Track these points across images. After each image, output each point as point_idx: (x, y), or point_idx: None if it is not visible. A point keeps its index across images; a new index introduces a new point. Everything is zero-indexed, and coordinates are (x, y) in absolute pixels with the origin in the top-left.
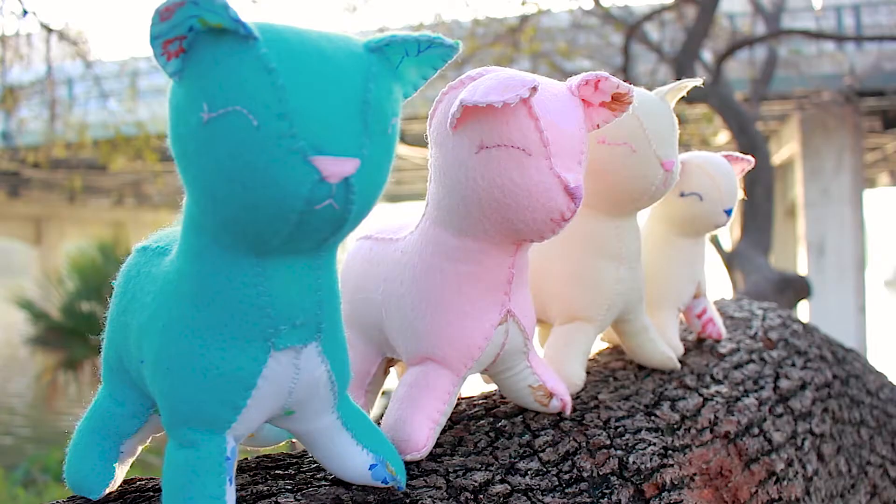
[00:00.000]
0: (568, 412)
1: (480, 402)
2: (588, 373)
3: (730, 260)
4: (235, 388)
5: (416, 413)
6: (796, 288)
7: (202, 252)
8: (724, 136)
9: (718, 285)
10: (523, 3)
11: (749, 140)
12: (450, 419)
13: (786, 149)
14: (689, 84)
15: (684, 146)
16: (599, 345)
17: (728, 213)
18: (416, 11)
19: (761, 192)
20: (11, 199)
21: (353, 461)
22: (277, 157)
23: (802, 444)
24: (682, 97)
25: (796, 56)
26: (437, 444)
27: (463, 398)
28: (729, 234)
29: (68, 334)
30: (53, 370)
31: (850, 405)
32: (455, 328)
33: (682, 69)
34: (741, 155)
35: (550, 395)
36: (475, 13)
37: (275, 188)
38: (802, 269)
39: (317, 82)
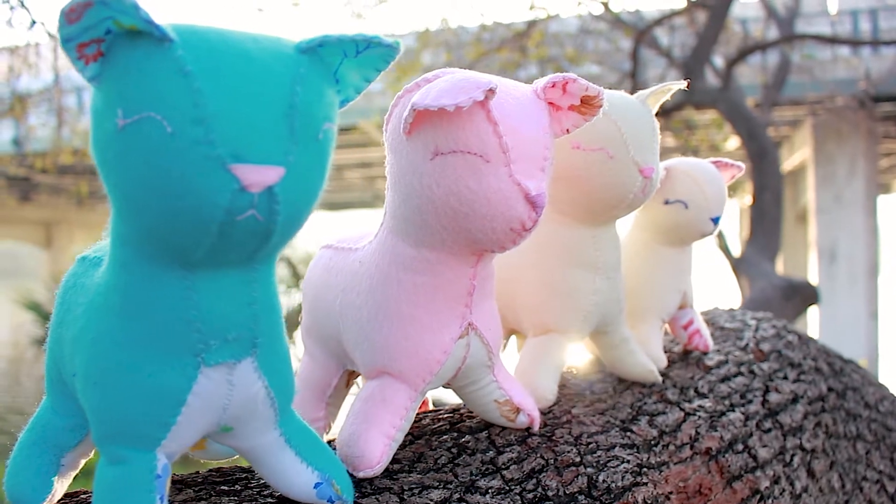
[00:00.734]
0: (536, 428)
1: (446, 416)
2: (564, 386)
3: (736, 266)
4: (164, 404)
5: (371, 429)
6: (804, 295)
7: (128, 263)
8: (734, 142)
9: (727, 292)
10: (532, 8)
11: (758, 145)
12: (411, 434)
13: (798, 154)
14: (672, 87)
15: (693, 152)
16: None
17: (715, 221)
18: (423, 17)
19: (769, 198)
20: (22, 204)
21: (298, 479)
22: (194, 165)
23: (791, 460)
24: (692, 103)
25: (809, 61)
26: (395, 461)
27: (429, 412)
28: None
29: None
30: None
31: (845, 419)
32: (412, 341)
33: (691, 74)
34: (731, 161)
35: (517, 410)
36: (483, 18)
37: (192, 198)
38: (813, 275)
39: (238, 85)
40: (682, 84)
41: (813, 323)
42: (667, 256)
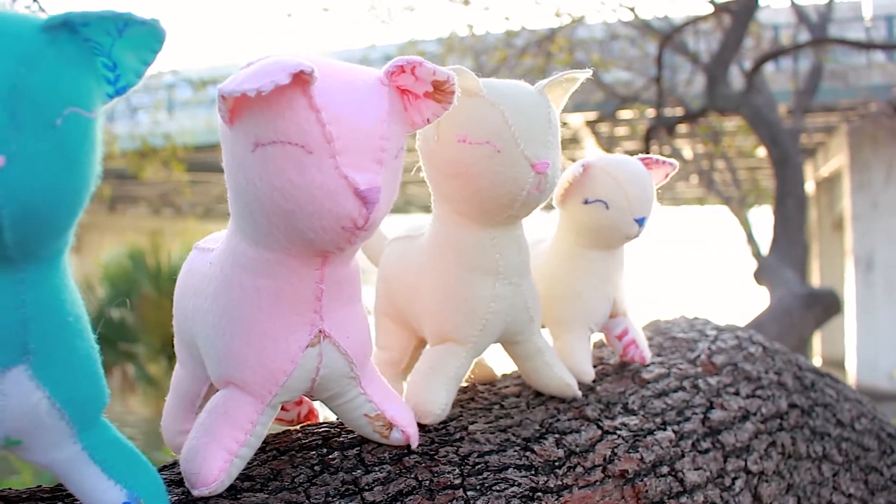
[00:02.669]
0: (414, 445)
1: (322, 430)
2: (472, 399)
3: (757, 274)
4: None
5: (211, 444)
6: (825, 303)
7: None
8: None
9: (753, 300)
10: (558, 15)
11: (781, 151)
12: (276, 448)
13: (834, 161)
14: (575, 75)
15: (721, 157)
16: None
17: (640, 222)
18: (449, 23)
19: (793, 205)
20: None
21: (104, 497)
22: None
23: (733, 483)
24: (715, 108)
25: (843, 67)
26: (248, 478)
27: (310, 425)
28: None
29: (98, 341)
30: None
31: (809, 438)
32: (255, 350)
33: (714, 79)
34: (662, 158)
35: (391, 426)
36: (509, 23)
37: None
38: (850, 283)
39: None
40: (587, 73)
41: (849, 332)
42: (593, 260)
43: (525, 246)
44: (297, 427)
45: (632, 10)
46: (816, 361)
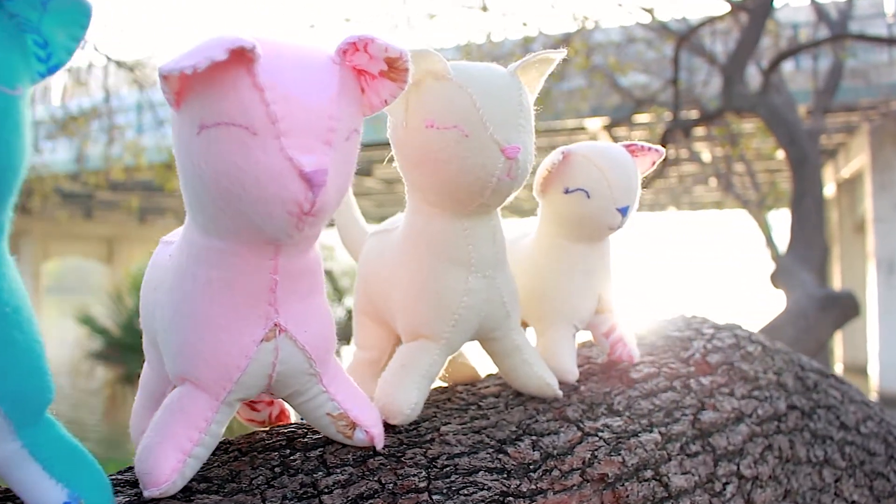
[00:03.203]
0: (379, 446)
1: (289, 430)
2: (448, 399)
3: (773, 276)
4: None
5: (164, 442)
6: (844, 306)
7: None
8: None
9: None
10: (575, 19)
11: (798, 151)
12: (238, 449)
13: (855, 161)
14: (549, 55)
15: (740, 160)
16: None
17: (623, 212)
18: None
19: (810, 205)
20: (86, 221)
21: (44, 496)
22: None
23: (724, 489)
24: (731, 108)
25: (864, 65)
26: (205, 479)
27: (279, 425)
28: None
29: (127, 350)
30: (112, 384)
31: (809, 441)
32: (208, 344)
33: (730, 79)
34: (647, 144)
35: (354, 426)
36: (526, 29)
37: None
38: (872, 286)
39: None
40: (562, 53)
41: (871, 337)
42: (576, 254)
43: (500, 237)
44: (267, 428)
45: (649, 11)
46: (838, 367)
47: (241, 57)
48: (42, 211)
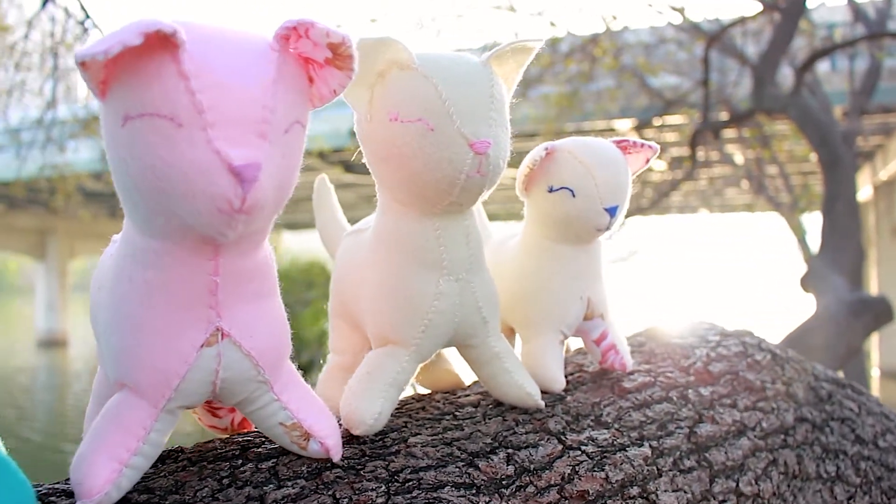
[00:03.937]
0: (336, 458)
1: (245, 439)
2: (423, 409)
3: (804, 280)
4: None
5: (99, 451)
6: (876, 311)
7: None
8: None
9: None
10: (604, 19)
11: (830, 152)
12: (188, 458)
13: (893, 164)
14: (527, 44)
15: (772, 162)
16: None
17: (611, 211)
18: (496, 31)
19: (843, 208)
20: (110, 220)
21: None
22: None
23: None
24: (761, 109)
25: None
26: (147, 490)
27: (237, 434)
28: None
29: None
30: None
31: (820, 456)
32: (145, 349)
33: (761, 79)
34: (640, 140)
35: (308, 436)
36: (555, 29)
37: None
38: None
39: None
40: (540, 41)
41: None
42: (563, 256)
43: (476, 238)
44: (234, 436)
45: (680, 11)
46: (874, 372)
47: (166, 43)
48: (65, 210)
